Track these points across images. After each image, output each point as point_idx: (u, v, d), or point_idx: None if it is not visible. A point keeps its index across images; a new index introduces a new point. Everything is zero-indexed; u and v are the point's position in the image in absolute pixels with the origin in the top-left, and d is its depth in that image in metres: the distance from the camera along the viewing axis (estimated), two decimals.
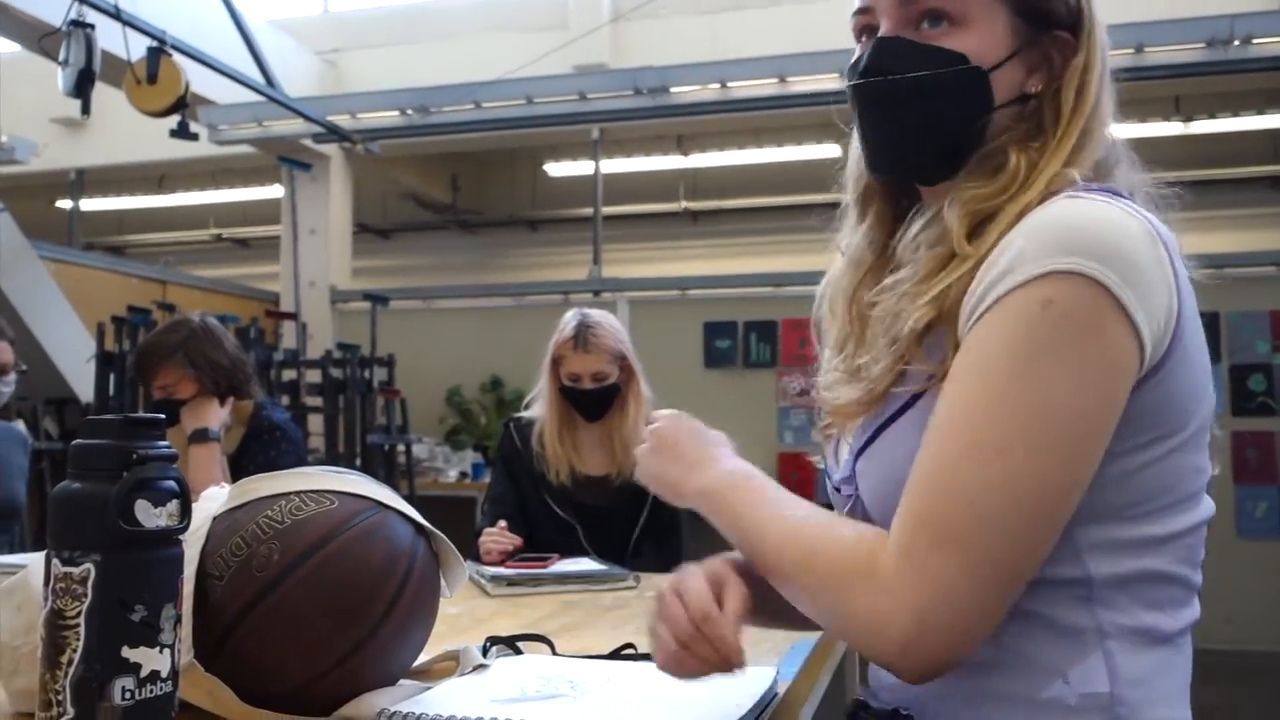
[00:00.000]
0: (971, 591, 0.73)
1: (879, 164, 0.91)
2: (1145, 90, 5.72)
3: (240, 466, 2.31)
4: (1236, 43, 4.92)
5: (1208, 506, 0.84)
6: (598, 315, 2.35)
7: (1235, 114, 6.44)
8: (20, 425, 4.89)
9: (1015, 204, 0.80)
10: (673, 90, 5.76)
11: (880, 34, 0.86)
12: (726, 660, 0.81)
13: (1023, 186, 0.81)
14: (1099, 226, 0.75)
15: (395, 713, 0.86)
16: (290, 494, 0.92)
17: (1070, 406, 0.73)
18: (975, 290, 0.77)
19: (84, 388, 5.04)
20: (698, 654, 0.81)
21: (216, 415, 2.30)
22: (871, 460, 0.86)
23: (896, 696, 0.88)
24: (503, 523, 2.18)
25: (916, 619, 0.73)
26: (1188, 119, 6.49)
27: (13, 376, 2.48)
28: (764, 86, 5.58)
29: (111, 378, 4.66)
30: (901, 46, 0.85)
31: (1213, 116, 6.48)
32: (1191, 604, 0.84)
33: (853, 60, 0.90)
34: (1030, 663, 0.79)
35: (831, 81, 5.41)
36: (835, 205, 1.01)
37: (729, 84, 5.58)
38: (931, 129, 0.86)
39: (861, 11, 0.89)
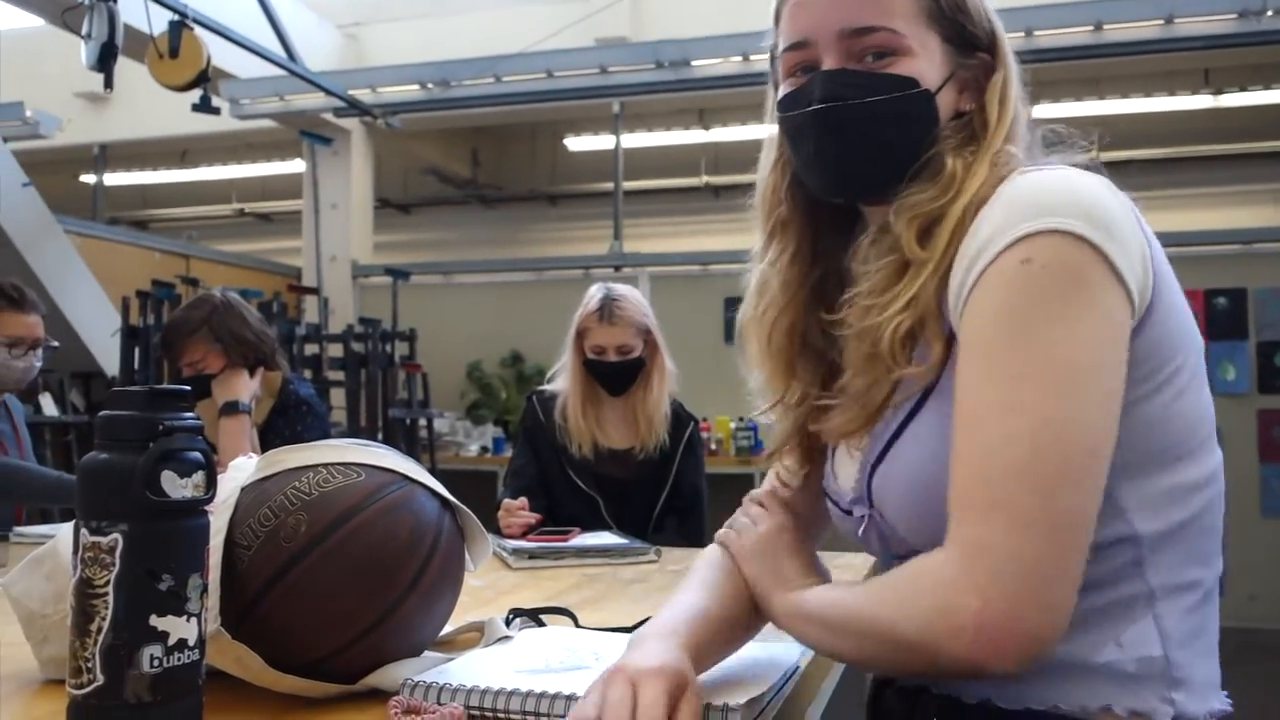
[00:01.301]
0: (1029, 548, 0.71)
1: (834, 188, 0.93)
2: (1175, 62, 5.63)
3: (267, 440, 2.33)
4: (1269, 13, 4.82)
5: (1219, 450, 0.86)
6: (622, 289, 2.35)
7: (1267, 87, 6.33)
8: (46, 398, 4.95)
9: (958, 203, 0.84)
10: (694, 63, 5.71)
11: (826, 68, 0.89)
12: None
13: (961, 187, 0.85)
14: (1065, 187, 0.79)
15: (419, 682, 0.86)
16: (318, 466, 0.92)
17: (1066, 351, 0.74)
18: (957, 276, 0.80)
19: (109, 361, 5.09)
20: None
21: (247, 387, 2.33)
22: (889, 473, 0.87)
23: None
24: (523, 499, 2.18)
25: (983, 597, 0.71)
26: (1218, 91, 6.39)
27: (41, 351, 2.49)
28: None
29: (136, 351, 4.70)
30: (855, 76, 0.88)
31: (1243, 89, 6.37)
32: (1221, 554, 0.86)
33: (791, 93, 0.92)
34: (1082, 627, 0.78)
35: None
36: None
37: (751, 57, 5.54)
38: (888, 151, 0.89)
39: (797, 47, 0.91)
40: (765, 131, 1.04)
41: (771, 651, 0.99)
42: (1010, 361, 0.75)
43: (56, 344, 2.54)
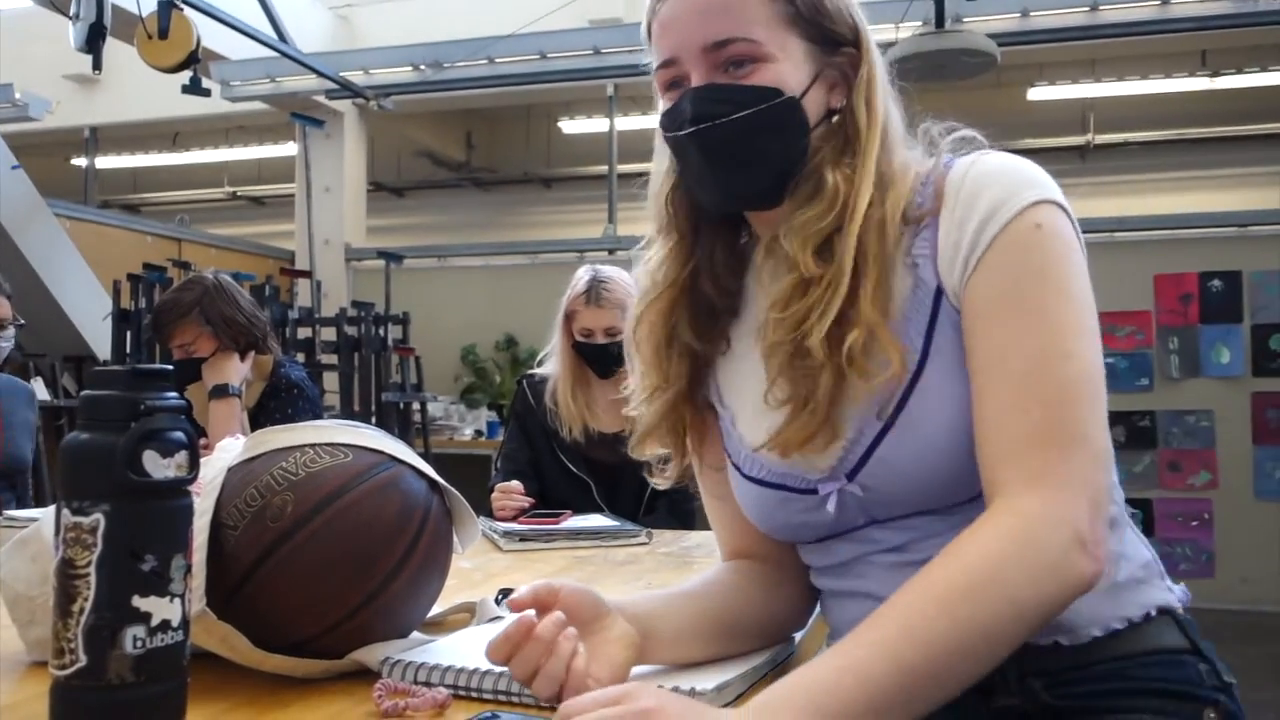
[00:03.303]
0: (1104, 476, 0.81)
1: (717, 202, 0.96)
2: (1171, 44, 5.61)
3: (258, 424, 2.32)
4: None
5: None
6: (610, 271, 2.34)
7: (1264, 69, 6.31)
8: (38, 382, 4.94)
9: (854, 223, 0.86)
10: None
11: (694, 84, 0.91)
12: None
13: (851, 206, 0.87)
14: (1029, 165, 0.88)
15: (398, 661, 0.86)
16: (305, 446, 0.92)
17: (1086, 302, 0.84)
18: (960, 247, 0.85)
19: (101, 345, 5.07)
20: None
21: (237, 370, 2.32)
22: (897, 448, 0.87)
23: None
24: (519, 484, 2.18)
25: (1091, 523, 0.77)
26: (1215, 73, 6.37)
27: (11, 331, 2.48)
28: None
29: (128, 335, 4.68)
30: (719, 91, 0.90)
31: (1240, 71, 6.36)
32: None
33: (668, 110, 0.94)
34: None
35: None
36: None
37: None
38: (763, 163, 0.91)
39: (667, 65, 0.93)
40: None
41: None
42: (1051, 315, 0.82)
43: (23, 322, 2.53)
